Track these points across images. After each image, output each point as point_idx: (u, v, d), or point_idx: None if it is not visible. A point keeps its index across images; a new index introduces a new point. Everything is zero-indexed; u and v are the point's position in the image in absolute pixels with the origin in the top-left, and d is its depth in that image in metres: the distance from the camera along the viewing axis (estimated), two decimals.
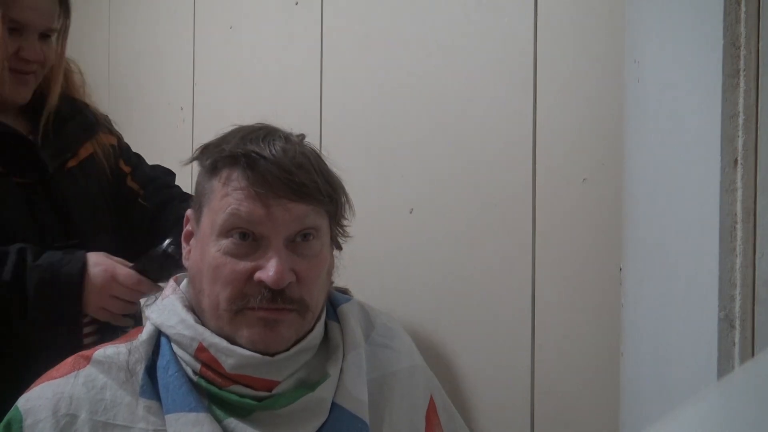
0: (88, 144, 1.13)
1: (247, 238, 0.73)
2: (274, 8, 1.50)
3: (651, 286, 0.81)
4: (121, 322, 1.00)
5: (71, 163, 1.09)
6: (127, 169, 1.20)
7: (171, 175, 1.28)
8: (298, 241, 0.75)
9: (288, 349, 0.75)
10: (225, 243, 0.74)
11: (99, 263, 0.95)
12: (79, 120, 1.12)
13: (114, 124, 1.23)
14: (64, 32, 1.09)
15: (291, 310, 0.74)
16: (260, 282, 0.72)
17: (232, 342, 0.74)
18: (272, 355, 0.74)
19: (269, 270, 0.71)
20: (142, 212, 1.17)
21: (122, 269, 0.96)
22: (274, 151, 0.74)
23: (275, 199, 0.73)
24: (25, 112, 1.09)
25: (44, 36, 1.05)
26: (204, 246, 0.76)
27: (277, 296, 0.73)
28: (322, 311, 0.82)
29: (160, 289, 0.92)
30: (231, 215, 0.73)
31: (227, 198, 0.74)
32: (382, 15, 1.29)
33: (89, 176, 1.12)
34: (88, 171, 1.12)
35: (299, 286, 0.75)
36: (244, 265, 0.73)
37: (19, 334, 0.95)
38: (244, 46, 1.58)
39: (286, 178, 0.73)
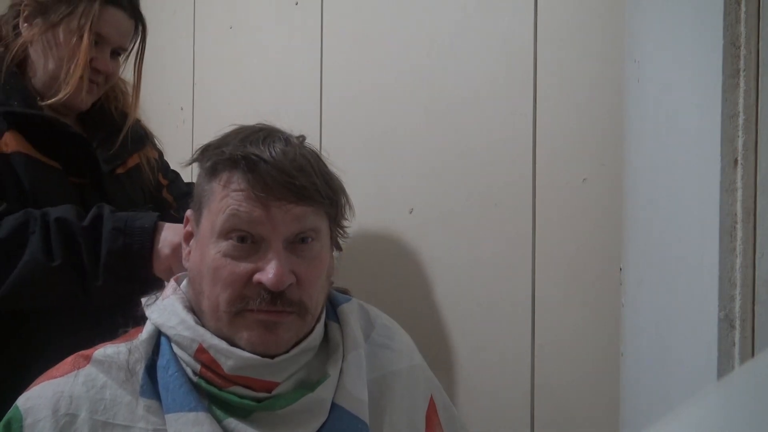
0: (135, 155, 1.21)
1: (246, 241, 0.73)
2: (274, 8, 1.50)
3: (651, 286, 0.81)
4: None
5: (120, 170, 1.17)
6: (164, 182, 1.30)
7: None
8: (298, 243, 0.75)
9: (288, 351, 0.75)
10: (225, 245, 0.73)
11: (179, 230, 0.94)
12: (132, 133, 1.20)
13: (157, 141, 1.32)
14: (140, 56, 1.19)
15: (290, 313, 0.74)
16: (260, 284, 0.72)
17: (232, 344, 0.74)
18: (272, 357, 0.74)
19: (269, 272, 0.71)
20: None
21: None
22: (274, 154, 0.73)
23: (275, 202, 0.73)
24: (83, 121, 1.17)
25: (115, 53, 1.14)
26: (204, 247, 0.76)
27: (276, 298, 0.73)
28: (321, 312, 0.81)
29: None
30: (231, 217, 0.73)
31: (227, 200, 0.74)
32: (382, 15, 1.29)
33: (134, 183, 1.20)
34: (134, 179, 1.20)
35: (299, 288, 0.74)
36: (243, 266, 0.73)
37: (87, 290, 0.95)
38: (244, 46, 1.58)
39: (286, 181, 0.73)
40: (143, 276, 0.95)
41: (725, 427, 0.31)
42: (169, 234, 0.96)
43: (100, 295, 0.96)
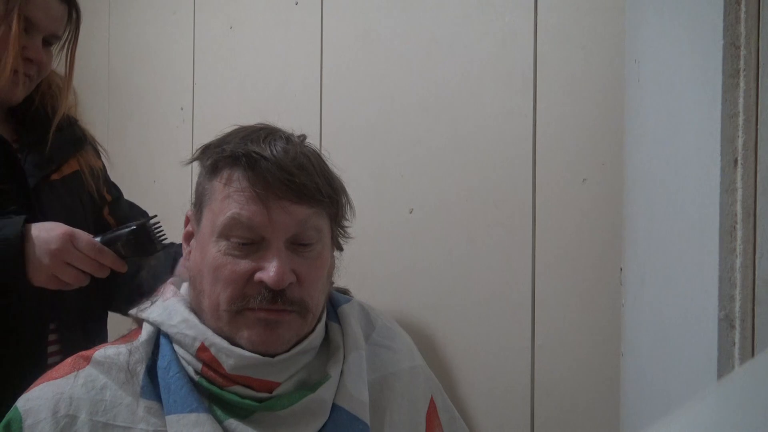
0: (73, 160, 1.10)
1: (247, 240, 0.73)
2: (274, 8, 1.50)
3: (651, 286, 0.81)
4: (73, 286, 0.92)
5: (55, 176, 1.06)
6: (108, 197, 1.17)
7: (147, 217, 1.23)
8: (299, 243, 0.75)
9: (288, 351, 0.75)
10: (225, 244, 0.73)
11: (54, 228, 0.88)
12: (67, 133, 1.10)
13: (102, 151, 1.19)
14: (72, 45, 1.09)
15: (291, 312, 0.74)
16: (260, 282, 0.72)
17: (233, 343, 0.74)
18: (272, 356, 0.74)
19: (270, 271, 0.71)
20: None
21: (83, 234, 0.90)
22: (275, 152, 0.74)
23: (276, 201, 0.73)
24: (11, 117, 1.07)
25: (47, 43, 1.04)
26: (204, 247, 0.76)
27: (277, 297, 0.73)
28: (322, 312, 0.81)
29: (124, 266, 0.88)
30: (232, 219, 0.73)
31: (228, 200, 0.73)
32: (382, 15, 1.29)
33: (73, 193, 1.08)
34: (72, 187, 1.08)
35: (300, 288, 0.74)
36: (244, 265, 0.73)
37: None
38: (244, 46, 1.57)
39: (286, 179, 0.73)
40: (17, 287, 0.89)
41: (725, 427, 0.31)
42: (44, 240, 0.86)
43: None
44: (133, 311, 0.81)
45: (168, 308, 0.78)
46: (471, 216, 1.15)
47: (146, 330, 0.78)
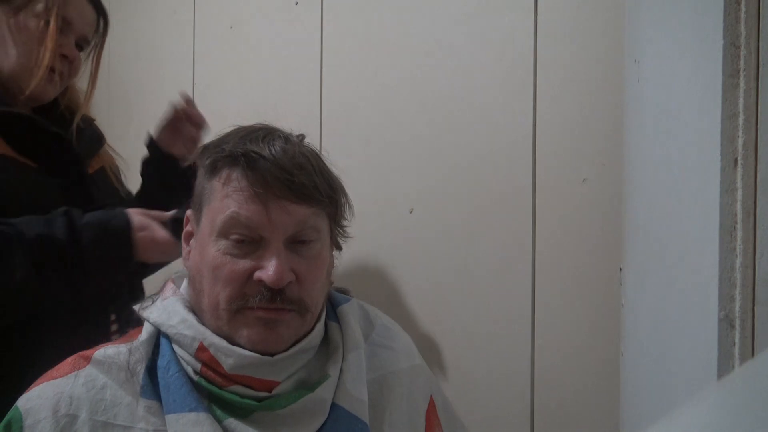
0: (98, 157, 1.16)
1: (246, 239, 0.73)
2: (274, 8, 1.50)
3: (651, 286, 0.81)
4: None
5: (90, 170, 1.12)
6: (131, 193, 1.24)
7: None
8: (298, 242, 0.75)
9: (287, 350, 0.75)
10: (225, 243, 0.74)
11: (142, 227, 0.97)
12: (88, 132, 1.15)
13: (116, 154, 1.24)
14: (99, 49, 1.15)
15: (290, 311, 0.74)
16: (260, 281, 0.72)
17: (233, 342, 0.74)
18: (272, 355, 0.74)
19: (269, 269, 0.71)
20: None
21: (161, 235, 0.98)
22: (273, 151, 0.74)
23: (275, 201, 0.73)
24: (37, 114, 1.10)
25: (78, 47, 1.10)
26: (203, 246, 0.76)
27: (276, 296, 0.73)
28: (321, 312, 0.81)
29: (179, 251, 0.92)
30: (231, 218, 0.73)
31: (227, 199, 0.74)
32: (382, 15, 1.29)
33: (104, 188, 1.14)
34: (102, 183, 1.15)
35: (299, 287, 0.74)
36: (243, 264, 0.73)
37: (78, 289, 0.96)
38: (244, 46, 1.58)
39: (285, 179, 0.73)
40: (130, 266, 0.98)
41: (725, 428, 0.31)
42: (140, 224, 0.96)
43: (90, 297, 0.98)
44: (135, 308, 0.81)
45: (167, 308, 0.78)
46: (471, 216, 1.15)
47: (146, 329, 0.78)
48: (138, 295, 1.16)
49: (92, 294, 0.98)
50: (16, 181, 0.98)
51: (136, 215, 0.98)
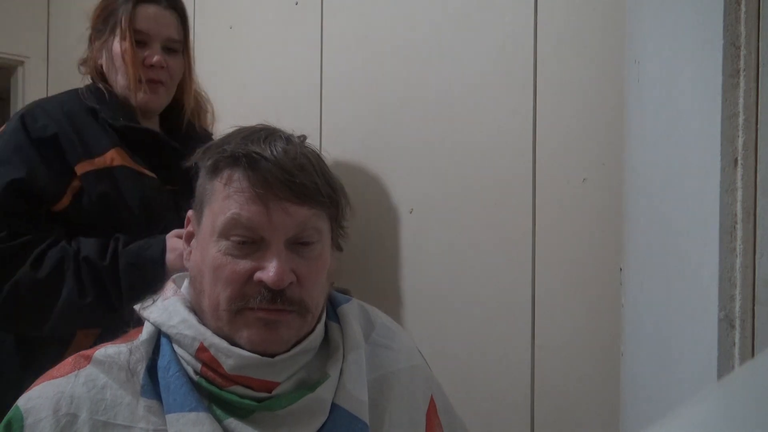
0: None
1: (247, 240, 0.73)
2: (274, 8, 1.50)
3: (651, 286, 0.81)
4: None
5: None
6: None
7: None
8: (299, 243, 0.75)
9: (288, 350, 0.75)
10: (225, 244, 0.74)
11: (174, 249, 1.04)
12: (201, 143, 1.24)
13: None
14: (185, 44, 1.22)
15: (291, 312, 0.74)
16: (260, 282, 0.72)
17: (233, 343, 0.74)
18: (272, 356, 0.74)
19: (269, 270, 0.71)
20: None
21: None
22: (275, 152, 0.74)
23: (276, 201, 0.73)
24: (164, 123, 1.23)
25: (168, 50, 1.18)
26: (204, 246, 0.76)
27: (277, 297, 0.73)
28: (322, 312, 0.81)
29: None
30: (232, 219, 0.73)
31: (228, 200, 0.74)
32: (382, 15, 1.29)
33: None
34: None
35: (299, 288, 0.74)
36: (244, 265, 0.73)
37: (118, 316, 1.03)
38: (244, 46, 1.58)
39: (287, 180, 0.73)
40: (163, 279, 1.04)
41: (725, 428, 0.31)
42: (171, 245, 1.04)
43: (124, 315, 1.03)
44: (137, 307, 0.81)
45: (168, 308, 0.78)
46: (471, 216, 1.15)
47: (147, 329, 0.78)
48: None
49: (123, 313, 1.03)
50: (142, 191, 1.10)
51: (171, 239, 1.06)
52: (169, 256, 1.04)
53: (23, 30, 2.27)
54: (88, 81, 1.20)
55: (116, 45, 1.14)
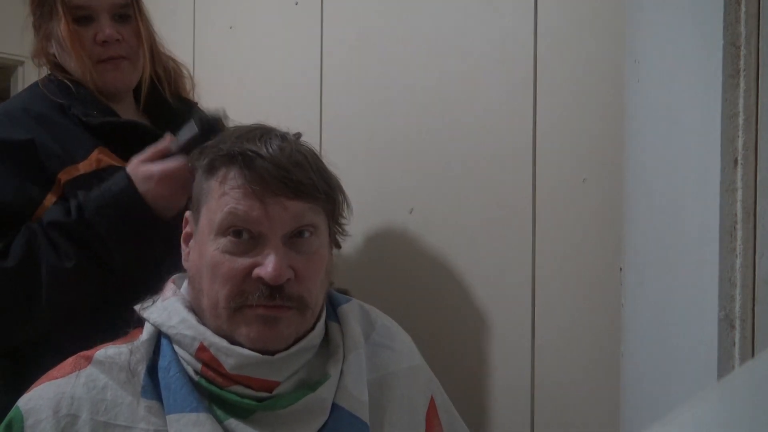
0: None
1: (244, 236, 0.74)
2: (274, 8, 1.50)
3: (651, 286, 0.81)
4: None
5: None
6: None
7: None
8: (296, 238, 0.75)
9: (288, 348, 0.75)
10: (223, 241, 0.74)
11: (149, 176, 0.93)
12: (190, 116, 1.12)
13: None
14: (138, 9, 1.09)
15: (290, 308, 0.74)
16: (258, 279, 0.72)
17: (233, 342, 0.74)
18: (272, 354, 0.74)
19: (267, 266, 0.72)
20: None
21: (171, 166, 0.93)
22: (270, 150, 0.74)
23: (272, 197, 0.73)
24: (143, 106, 1.11)
25: (119, 18, 1.05)
26: (202, 245, 0.76)
27: (275, 293, 0.73)
28: (322, 311, 0.82)
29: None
30: (228, 214, 0.73)
31: (225, 197, 0.74)
32: (382, 15, 1.29)
33: None
34: None
35: (298, 284, 0.75)
36: (242, 262, 0.73)
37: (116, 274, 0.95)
38: (244, 46, 1.58)
39: (282, 176, 0.73)
40: (152, 222, 0.94)
41: (725, 428, 0.31)
42: (143, 175, 0.93)
43: (125, 267, 0.95)
44: (136, 308, 0.81)
45: (167, 308, 0.78)
46: (471, 216, 1.15)
47: (147, 329, 0.78)
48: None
49: (130, 269, 0.95)
50: None
51: (135, 169, 0.95)
52: (146, 186, 0.93)
53: (23, 30, 2.28)
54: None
55: (58, 29, 1.01)
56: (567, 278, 1.05)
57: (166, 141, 0.96)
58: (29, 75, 2.33)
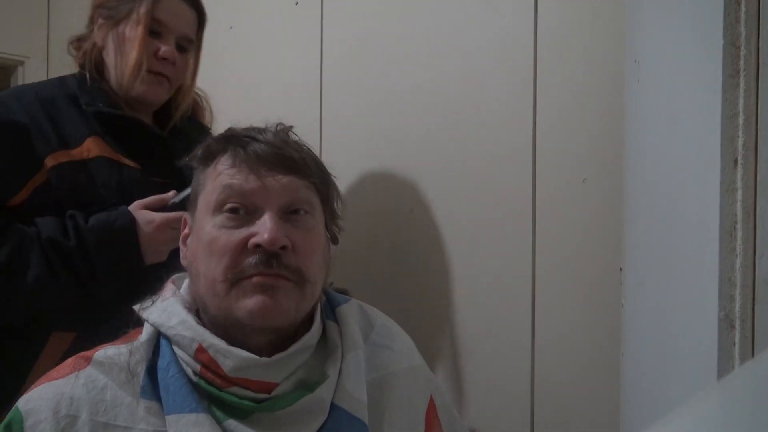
0: None
1: (240, 212, 0.75)
2: (274, 8, 1.50)
3: (651, 286, 0.81)
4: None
5: None
6: None
7: None
8: (293, 215, 0.77)
9: (286, 349, 0.75)
10: (219, 218, 0.75)
11: (150, 220, 1.01)
12: (194, 134, 1.18)
13: None
14: (197, 46, 1.19)
15: (288, 279, 0.74)
16: (255, 248, 0.73)
17: (232, 343, 0.74)
18: (270, 354, 0.74)
19: (263, 232, 0.73)
20: None
21: (169, 216, 1.01)
22: (264, 135, 0.78)
23: (267, 172, 0.76)
24: (157, 120, 1.18)
25: (180, 48, 1.14)
26: (200, 231, 0.77)
27: (272, 260, 0.73)
28: (317, 304, 0.82)
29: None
30: (224, 188, 0.75)
31: (220, 176, 0.77)
32: (382, 15, 1.29)
33: None
34: None
35: (295, 255, 0.75)
36: (238, 234, 0.74)
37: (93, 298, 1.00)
38: (244, 47, 1.58)
39: (276, 153, 0.76)
40: (140, 265, 1.01)
41: (725, 428, 0.31)
42: (143, 217, 1.00)
43: (102, 295, 1.01)
44: (135, 308, 0.81)
45: (167, 309, 0.78)
46: (471, 216, 1.15)
47: (147, 330, 0.78)
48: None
49: (103, 295, 1.01)
50: (121, 182, 1.04)
51: (137, 211, 1.01)
52: (147, 229, 1.00)
53: (23, 30, 2.28)
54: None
55: (128, 30, 1.08)
56: (567, 278, 1.05)
57: (170, 194, 1.04)
58: (29, 75, 2.33)
